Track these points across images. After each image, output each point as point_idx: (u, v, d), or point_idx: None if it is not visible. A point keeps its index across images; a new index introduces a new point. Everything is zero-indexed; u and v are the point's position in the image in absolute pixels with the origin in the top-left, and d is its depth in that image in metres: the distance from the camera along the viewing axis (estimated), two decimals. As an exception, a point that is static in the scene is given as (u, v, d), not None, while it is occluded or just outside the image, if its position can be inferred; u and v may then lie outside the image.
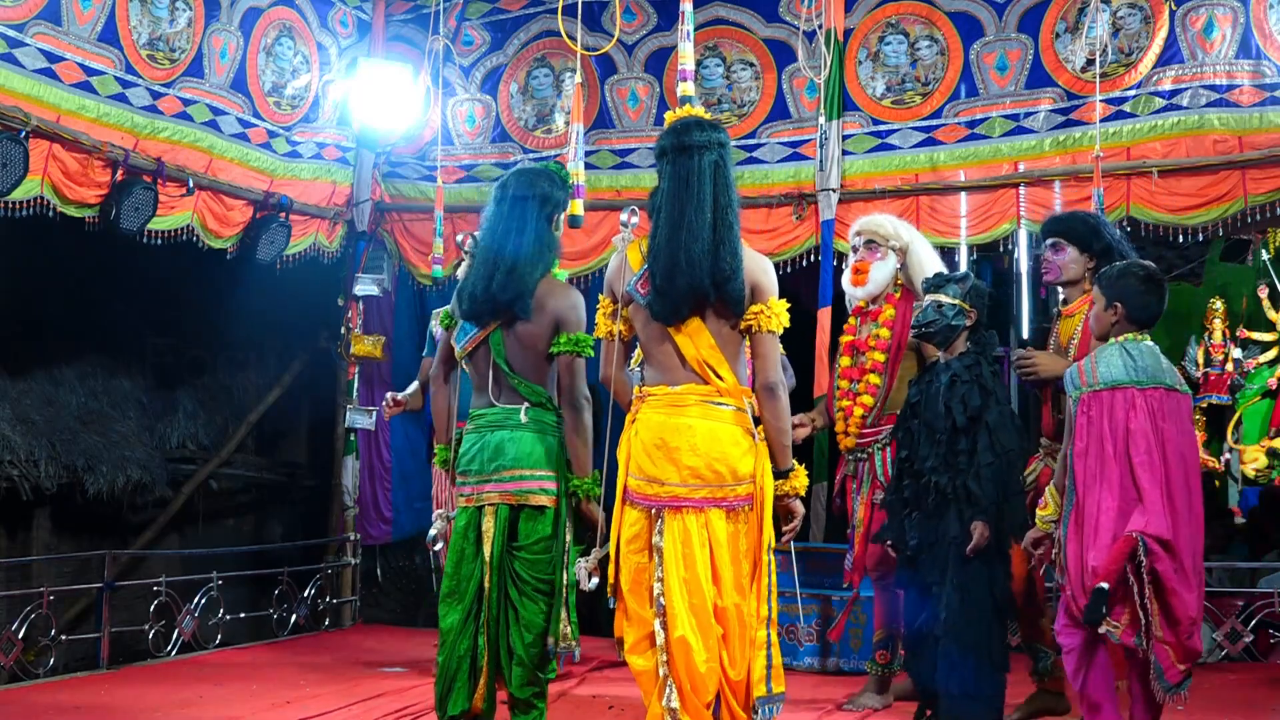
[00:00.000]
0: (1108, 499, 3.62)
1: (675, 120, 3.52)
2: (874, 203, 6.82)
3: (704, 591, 3.31)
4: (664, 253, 3.36)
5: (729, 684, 3.34)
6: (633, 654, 3.42)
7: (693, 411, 3.38)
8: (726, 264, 3.34)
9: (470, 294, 3.82)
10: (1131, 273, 3.82)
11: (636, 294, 3.46)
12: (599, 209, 7.08)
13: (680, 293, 3.34)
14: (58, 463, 7.80)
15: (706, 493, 3.35)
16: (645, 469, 3.40)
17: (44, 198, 5.77)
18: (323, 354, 8.44)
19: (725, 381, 3.39)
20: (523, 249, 3.78)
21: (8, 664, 5.55)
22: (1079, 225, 4.60)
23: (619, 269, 3.56)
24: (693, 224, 3.35)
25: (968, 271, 4.68)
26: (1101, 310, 3.82)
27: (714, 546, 3.35)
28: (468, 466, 3.84)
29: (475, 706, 3.80)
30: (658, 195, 3.46)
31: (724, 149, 3.47)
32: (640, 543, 3.43)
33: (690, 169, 3.40)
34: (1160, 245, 7.04)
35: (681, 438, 3.36)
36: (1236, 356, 9.45)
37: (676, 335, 3.40)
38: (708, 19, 7.13)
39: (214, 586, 6.46)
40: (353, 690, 5.24)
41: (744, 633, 3.35)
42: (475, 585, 3.79)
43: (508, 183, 3.92)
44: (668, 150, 3.47)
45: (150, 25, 6.22)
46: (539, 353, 3.82)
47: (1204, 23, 6.17)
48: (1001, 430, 4.19)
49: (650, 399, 3.45)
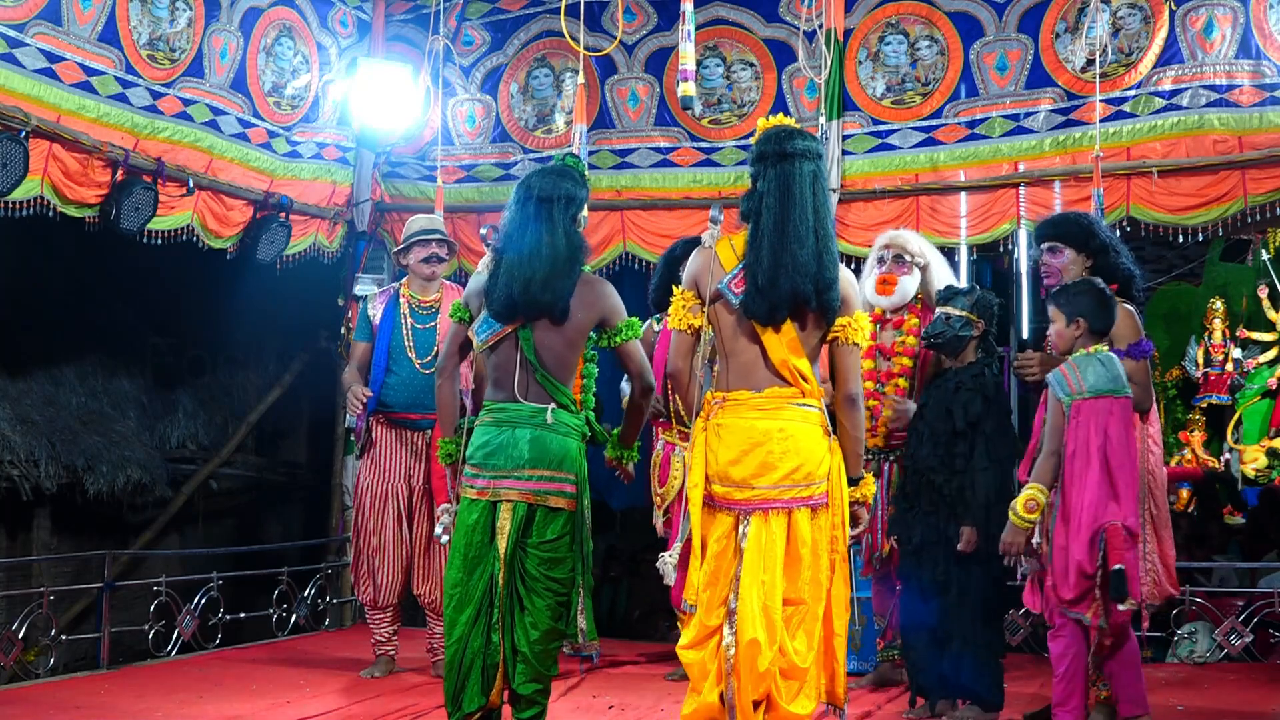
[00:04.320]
0: (1088, 496, 4.02)
1: (772, 127, 3.60)
2: (874, 203, 6.83)
3: (778, 592, 3.39)
4: (768, 254, 3.43)
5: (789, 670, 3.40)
6: (688, 648, 3.47)
7: (783, 415, 3.45)
8: (829, 272, 3.45)
9: (506, 296, 3.77)
10: (1085, 291, 4.24)
11: (729, 292, 3.50)
12: (599, 209, 7.08)
13: (782, 294, 3.41)
14: (58, 463, 7.80)
15: (795, 493, 3.43)
16: (733, 475, 3.45)
17: (44, 198, 5.77)
18: (323, 354, 8.44)
19: (809, 384, 3.48)
20: (557, 251, 3.77)
21: (8, 664, 5.54)
22: (1073, 227, 4.67)
23: (707, 265, 3.57)
24: (798, 229, 3.43)
25: (974, 285, 4.81)
26: (1063, 327, 4.20)
27: (798, 544, 3.43)
28: (484, 460, 3.81)
29: (492, 701, 3.80)
30: (755, 198, 3.53)
31: (821, 160, 3.60)
32: (724, 544, 3.47)
33: (791, 175, 3.49)
34: (1160, 245, 7.06)
35: (774, 442, 3.42)
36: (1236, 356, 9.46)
37: (766, 336, 3.46)
38: (708, 19, 7.12)
39: (214, 586, 6.46)
40: (353, 690, 5.24)
41: (813, 625, 3.44)
42: (486, 581, 3.78)
43: (530, 184, 3.87)
44: (768, 155, 3.53)
45: (150, 25, 6.22)
46: (575, 350, 3.85)
47: (1204, 23, 6.17)
48: (998, 438, 4.49)
49: (731, 403, 3.49)
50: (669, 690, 5.28)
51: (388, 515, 5.49)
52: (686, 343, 3.62)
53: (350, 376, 5.56)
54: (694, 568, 3.46)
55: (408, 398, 5.46)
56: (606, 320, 3.88)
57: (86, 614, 7.59)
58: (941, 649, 4.49)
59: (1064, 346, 4.23)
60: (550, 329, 3.81)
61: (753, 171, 3.59)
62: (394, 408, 5.49)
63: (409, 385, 5.46)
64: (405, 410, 5.47)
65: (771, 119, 3.66)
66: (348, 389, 5.52)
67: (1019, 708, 4.74)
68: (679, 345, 3.63)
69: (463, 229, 7.47)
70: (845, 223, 6.81)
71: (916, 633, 4.61)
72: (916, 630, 4.61)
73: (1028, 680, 5.34)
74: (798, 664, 3.40)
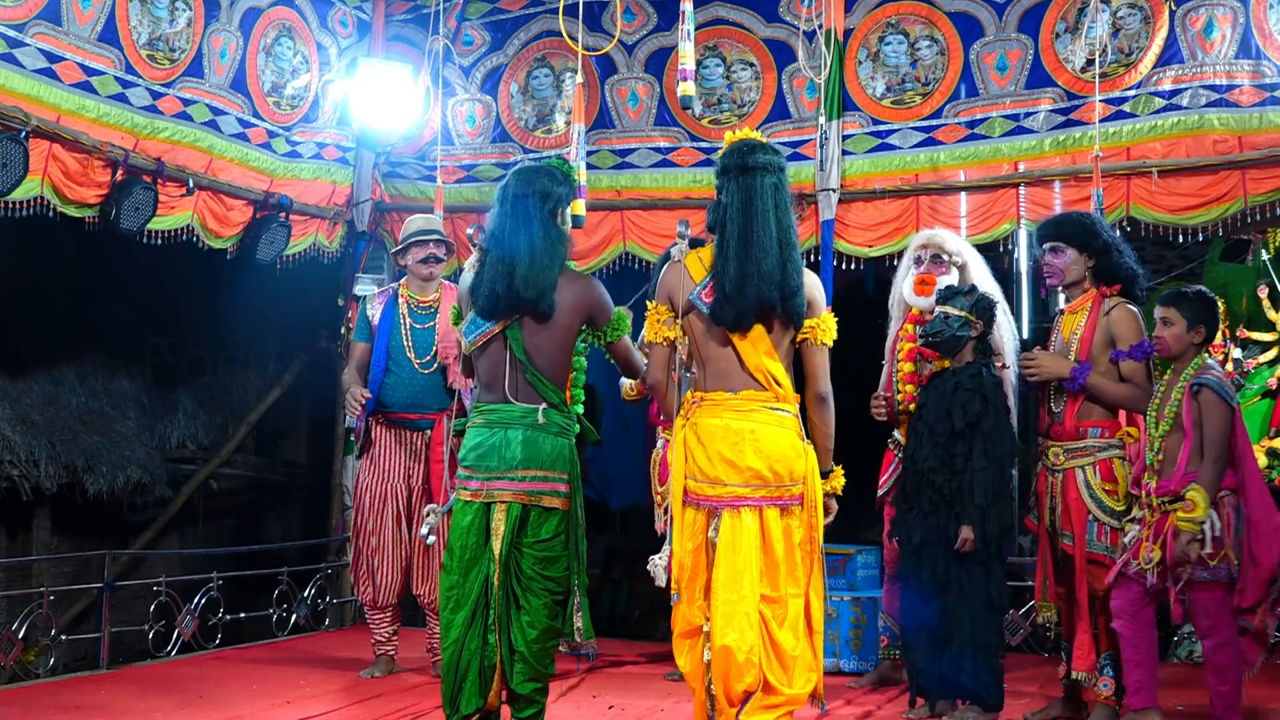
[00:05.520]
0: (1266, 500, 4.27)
1: (737, 141, 3.74)
2: (874, 203, 6.83)
3: (752, 585, 3.49)
4: (734, 264, 3.56)
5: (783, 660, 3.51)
6: (677, 647, 3.62)
7: (756, 417, 3.59)
8: (793, 280, 3.59)
9: (490, 293, 3.82)
10: (1207, 302, 4.39)
11: (700, 302, 3.65)
12: (599, 209, 7.09)
13: (749, 302, 3.56)
14: (58, 463, 7.81)
15: (765, 492, 3.56)
16: (706, 471, 3.59)
17: (44, 198, 5.77)
18: (323, 354, 8.44)
19: (783, 388, 3.63)
20: (534, 245, 3.81)
21: (8, 664, 5.55)
22: (1075, 227, 4.67)
23: (678, 278, 3.70)
24: (761, 240, 3.57)
25: (974, 285, 4.78)
26: (1183, 331, 4.32)
27: (770, 541, 3.54)
28: (477, 461, 3.83)
29: (490, 702, 3.81)
30: (720, 210, 3.65)
31: (783, 173, 3.72)
32: (698, 540, 3.60)
33: (753, 188, 3.62)
34: (1160, 245, 7.05)
35: (746, 441, 3.56)
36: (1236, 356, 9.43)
37: (739, 342, 3.61)
38: (708, 19, 7.12)
39: (214, 586, 6.46)
40: (353, 690, 5.24)
41: (798, 620, 3.56)
42: (482, 583, 3.79)
43: (508, 183, 3.95)
44: (730, 169, 3.68)
45: (150, 25, 6.22)
46: (565, 348, 3.88)
47: (1204, 23, 6.17)
48: (996, 438, 4.51)
49: (708, 404, 3.63)
50: (669, 690, 5.28)
51: (387, 515, 5.49)
52: (664, 354, 3.75)
53: (349, 377, 5.55)
54: (675, 561, 3.59)
55: (407, 398, 5.46)
56: (594, 318, 3.93)
57: (86, 614, 7.59)
58: (941, 649, 4.51)
59: (1178, 350, 4.34)
60: (538, 328, 3.83)
61: (717, 185, 3.72)
62: (393, 408, 5.49)
63: (408, 385, 5.46)
64: (404, 410, 5.47)
65: (739, 132, 3.80)
66: (347, 390, 5.52)
67: (1019, 708, 4.75)
68: (656, 358, 3.77)
69: (462, 229, 7.45)
70: (845, 222, 6.81)
71: (916, 633, 4.62)
72: (916, 630, 4.62)
73: (1028, 680, 5.35)
74: (789, 652, 3.52)
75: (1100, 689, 4.48)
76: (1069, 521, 4.51)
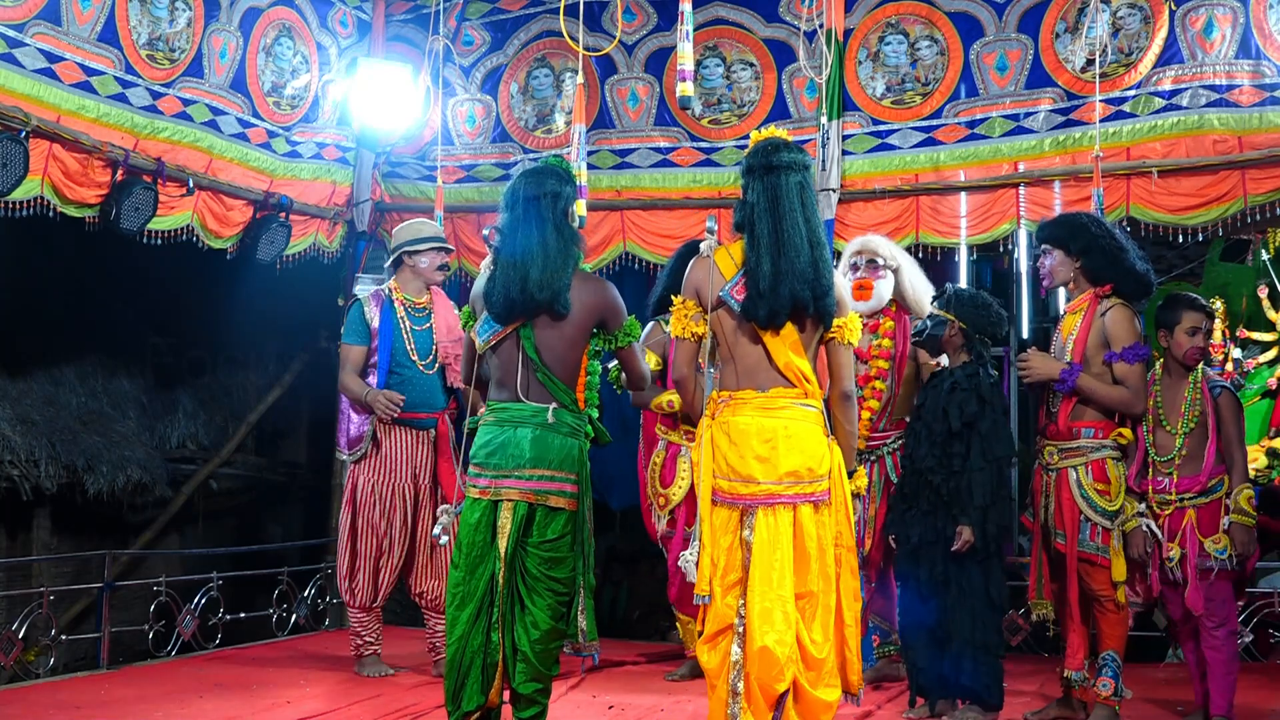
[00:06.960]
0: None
1: (761, 140, 3.74)
2: (874, 203, 6.83)
3: (788, 583, 3.49)
4: (768, 262, 3.56)
5: (809, 661, 3.50)
6: (704, 645, 3.59)
7: (786, 414, 3.59)
8: (825, 279, 3.60)
9: (504, 297, 3.80)
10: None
11: (731, 299, 3.63)
12: (599, 209, 7.09)
13: (783, 300, 3.54)
14: (58, 463, 7.82)
15: (798, 489, 3.56)
16: (739, 469, 3.57)
17: (44, 198, 5.77)
18: (323, 354, 8.44)
19: (811, 385, 3.63)
20: (548, 247, 3.80)
21: (8, 664, 5.55)
22: (1058, 229, 4.75)
23: (707, 274, 3.69)
24: (792, 239, 3.57)
25: (946, 285, 4.93)
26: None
27: (804, 538, 3.54)
28: (486, 459, 3.83)
29: (491, 700, 3.81)
30: (746, 209, 3.66)
31: (807, 171, 3.71)
32: (730, 539, 3.59)
33: (778, 187, 3.62)
34: (1160, 245, 7.04)
35: (780, 439, 3.55)
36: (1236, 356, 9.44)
37: (768, 340, 3.60)
38: (708, 19, 7.12)
39: (214, 586, 6.46)
40: (353, 690, 5.24)
41: (827, 617, 3.55)
42: (487, 580, 3.79)
43: (516, 186, 3.92)
44: (756, 168, 3.68)
45: (150, 25, 6.22)
46: (577, 348, 3.88)
47: (1204, 23, 6.16)
48: (993, 438, 4.54)
49: (737, 402, 3.62)
50: (669, 690, 5.29)
51: (395, 515, 5.50)
52: (690, 350, 3.74)
53: (358, 384, 5.51)
54: (704, 561, 3.56)
55: (414, 398, 5.48)
56: (607, 321, 3.92)
57: (86, 614, 7.60)
58: (941, 649, 4.53)
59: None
60: (551, 327, 3.82)
61: (743, 184, 3.73)
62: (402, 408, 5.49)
63: (415, 386, 5.49)
64: (412, 410, 5.49)
65: (764, 130, 3.80)
66: (364, 396, 5.43)
67: (1019, 708, 4.75)
68: (682, 353, 3.75)
69: (463, 229, 7.47)
70: (845, 223, 6.81)
71: (916, 632, 4.64)
72: (916, 630, 4.64)
73: (1028, 680, 5.35)
74: (815, 654, 3.51)
75: (1100, 689, 4.48)
76: (1062, 520, 4.52)
